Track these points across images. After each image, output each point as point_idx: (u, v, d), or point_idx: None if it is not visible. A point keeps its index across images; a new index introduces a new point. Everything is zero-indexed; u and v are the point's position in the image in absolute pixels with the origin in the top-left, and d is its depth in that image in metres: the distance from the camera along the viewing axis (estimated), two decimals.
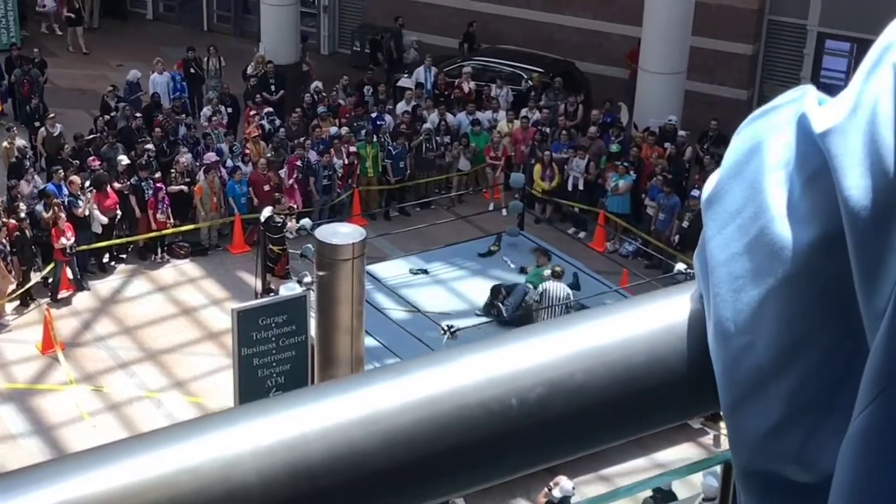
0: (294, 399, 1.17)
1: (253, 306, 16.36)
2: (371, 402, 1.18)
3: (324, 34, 34.41)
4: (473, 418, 1.20)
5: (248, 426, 1.12)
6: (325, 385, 1.19)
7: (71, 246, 21.68)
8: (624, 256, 23.86)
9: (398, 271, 20.91)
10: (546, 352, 1.26)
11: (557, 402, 1.24)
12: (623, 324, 1.29)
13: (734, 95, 28.99)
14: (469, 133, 26.17)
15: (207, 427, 1.10)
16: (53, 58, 31.20)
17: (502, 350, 1.26)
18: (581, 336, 1.28)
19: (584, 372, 1.25)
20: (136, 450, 1.07)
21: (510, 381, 1.23)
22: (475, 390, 1.21)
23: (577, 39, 30.18)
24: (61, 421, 18.85)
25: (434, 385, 1.21)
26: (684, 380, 1.30)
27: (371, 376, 1.22)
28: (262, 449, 1.10)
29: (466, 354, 1.25)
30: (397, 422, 1.17)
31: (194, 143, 25.14)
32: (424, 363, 1.24)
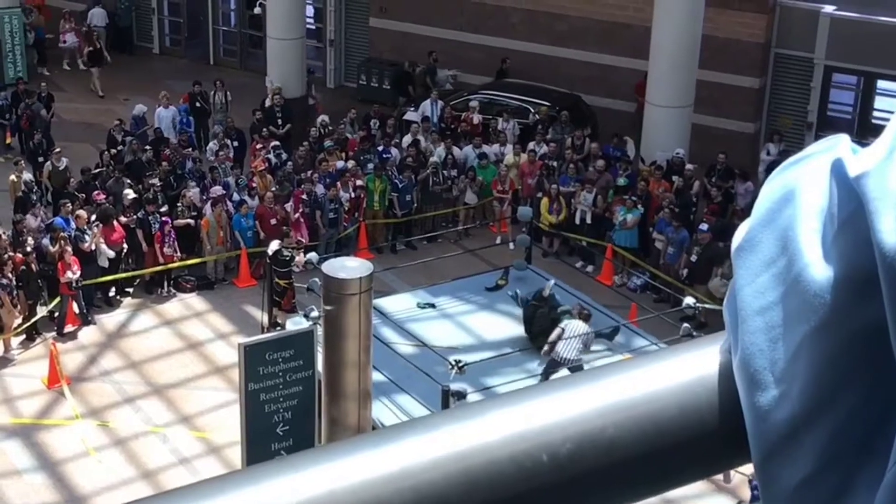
0: (321, 455, 1.15)
1: (260, 341, 16.32)
2: (400, 458, 1.16)
3: (330, 68, 34.52)
4: (504, 474, 1.18)
5: (272, 484, 1.10)
6: (354, 440, 1.18)
7: (77, 280, 21.68)
8: (632, 290, 23.82)
9: (405, 305, 20.87)
10: (576, 406, 1.25)
11: (588, 457, 1.22)
12: (653, 377, 1.28)
13: (741, 129, 29.02)
14: (476, 166, 26.19)
15: (234, 484, 1.08)
16: (60, 92, 31.30)
17: (532, 404, 1.24)
18: (610, 389, 1.26)
19: (615, 426, 1.24)
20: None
21: (540, 435, 1.21)
22: (505, 445, 1.20)
23: (584, 72, 30.24)
24: (67, 456, 18.79)
25: (463, 440, 1.19)
26: (715, 433, 1.28)
27: (399, 431, 1.20)
28: None
29: (496, 408, 1.23)
30: (427, 478, 1.15)
31: (200, 176, 25.18)
32: (453, 417, 1.22)
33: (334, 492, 1.11)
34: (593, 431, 1.23)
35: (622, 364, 1.31)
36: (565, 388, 1.26)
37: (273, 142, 26.89)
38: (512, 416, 1.22)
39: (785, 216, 1.10)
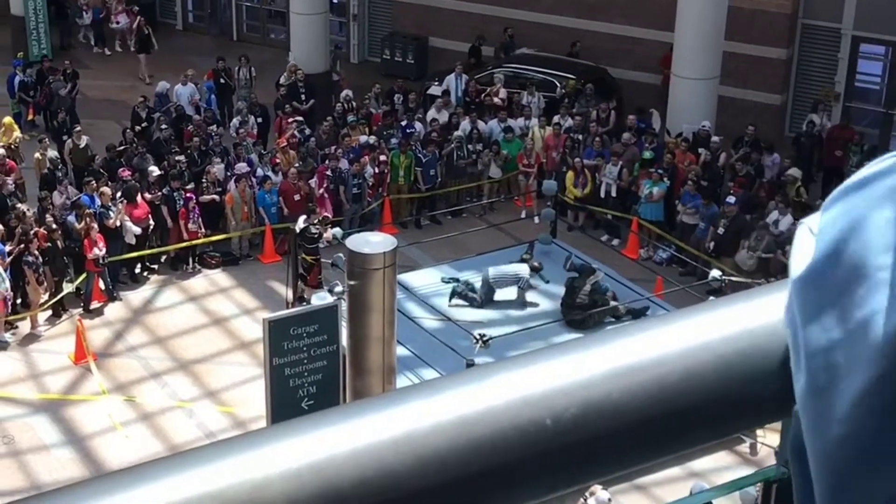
0: (324, 419, 1.14)
1: (284, 316, 16.35)
2: (403, 423, 1.15)
3: (353, 42, 34.46)
4: (507, 439, 1.17)
5: (276, 448, 1.09)
6: (356, 405, 1.17)
7: (103, 256, 21.76)
8: (658, 264, 23.74)
9: (430, 280, 20.87)
10: (580, 371, 1.24)
11: (593, 422, 1.21)
12: (657, 342, 1.26)
13: (768, 100, 28.85)
14: (500, 140, 26.12)
15: (233, 449, 1.07)
16: (85, 69, 31.36)
17: (536, 369, 1.23)
18: (616, 354, 1.25)
19: (621, 391, 1.22)
20: (158, 473, 1.04)
21: (544, 400, 1.20)
22: (508, 411, 1.18)
23: (609, 45, 30.10)
24: (94, 431, 18.90)
25: (467, 405, 1.18)
26: (720, 398, 1.27)
27: (402, 396, 1.19)
28: (291, 472, 1.07)
29: (499, 373, 1.22)
30: (430, 443, 1.14)
31: (225, 153, 25.20)
32: (456, 382, 1.21)
33: (335, 457, 1.10)
34: (598, 396, 1.22)
35: (628, 328, 1.29)
36: (570, 352, 1.25)
37: (297, 117, 26.87)
38: (516, 381, 1.21)
39: (851, 252, 1.06)
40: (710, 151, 24.92)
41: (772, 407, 1.50)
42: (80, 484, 1.06)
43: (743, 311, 1.35)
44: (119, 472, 1.05)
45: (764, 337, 1.42)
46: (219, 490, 1.05)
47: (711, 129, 25.62)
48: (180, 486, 1.05)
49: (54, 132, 27.23)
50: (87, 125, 27.17)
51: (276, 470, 1.07)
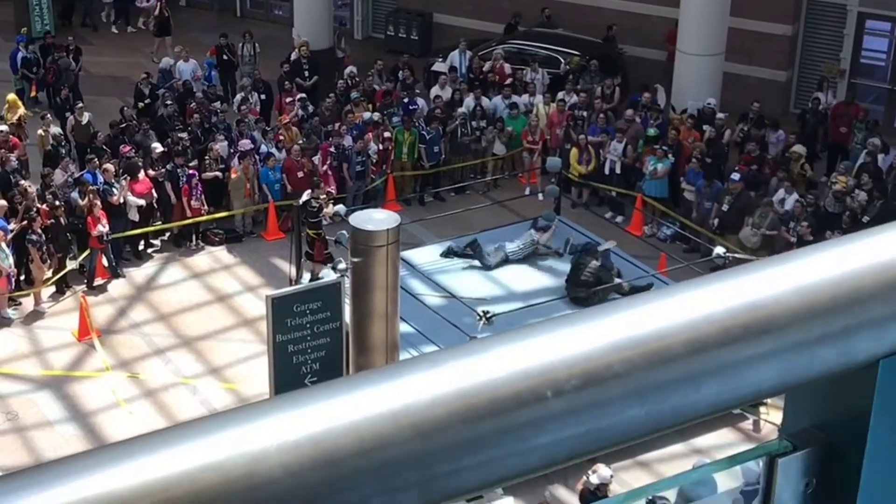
0: (322, 392, 1.14)
1: (287, 293, 16.36)
2: (402, 395, 1.14)
3: (357, 18, 34.37)
4: (507, 411, 1.17)
5: (274, 420, 1.09)
6: (354, 377, 1.16)
7: (106, 233, 21.76)
8: (662, 240, 23.70)
9: (433, 257, 20.87)
10: (582, 343, 1.23)
11: (594, 394, 1.21)
12: (660, 313, 1.26)
13: (773, 77, 28.76)
14: (505, 117, 26.07)
15: (232, 421, 1.07)
16: (88, 45, 31.30)
17: (537, 341, 1.22)
18: (617, 326, 1.24)
19: (622, 363, 1.22)
20: (159, 445, 1.04)
21: (545, 372, 1.19)
22: (509, 382, 1.18)
23: (615, 21, 29.99)
24: (97, 407, 18.93)
25: (467, 377, 1.17)
26: (724, 371, 1.26)
27: (402, 368, 1.18)
28: (289, 444, 1.07)
29: (500, 345, 1.21)
30: (429, 415, 1.14)
31: (227, 129, 25.16)
32: (457, 355, 1.20)
33: (333, 429, 1.10)
34: (599, 368, 1.21)
35: (630, 300, 1.28)
36: (571, 325, 1.24)
37: (300, 94, 26.81)
38: (516, 353, 1.21)
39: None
40: (714, 128, 24.87)
41: (773, 381, 1.50)
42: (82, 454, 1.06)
43: (747, 283, 1.34)
44: (120, 443, 1.05)
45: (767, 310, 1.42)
46: (218, 462, 1.05)
47: (717, 105, 25.55)
48: (180, 458, 1.04)
49: (57, 109, 27.18)
50: (89, 102, 27.12)
51: (274, 442, 1.06)
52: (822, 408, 1.81)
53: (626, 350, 1.22)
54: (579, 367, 1.19)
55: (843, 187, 22.15)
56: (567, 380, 1.18)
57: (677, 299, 1.28)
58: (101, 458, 1.04)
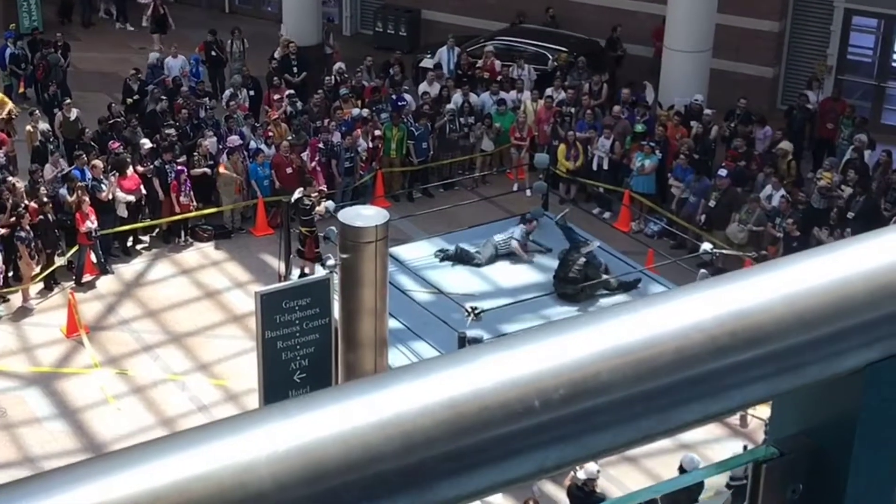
0: (311, 402, 1.14)
1: (276, 289, 16.35)
2: (390, 405, 1.15)
3: (346, 15, 34.34)
4: (494, 420, 1.17)
5: (264, 430, 1.09)
6: (344, 387, 1.16)
7: (95, 230, 21.73)
8: (649, 236, 23.75)
9: (421, 253, 20.86)
10: (570, 351, 1.23)
11: (581, 403, 1.21)
12: (647, 322, 1.26)
13: (760, 73, 28.81)
14: (493, 113, 26.08)
15: (222, 432, 1.07)
16: (76, 41, 31.24)
17: (524, 350, 1.22)
18: (604, 335, 1.25)
19: (610, 371, 1.22)
20: (148, 456, 1.04)
21: (533, 381, 1.20)
22: (496, 391, 1.18)
23: (602, 18, 30.01)
24: (86, 404, 18.91)
25: (455, 387, 1.18)
26: (713, 378, 1.26)
27: (391, 377, 1.19)
28: (279, 454, 1.07)
29: (487, 354, 1.22)
30: (417, 424, 1.14)
31: (216, 125, 25.13)
32: (445, 364, 1.21)
33: (322, 439, 1.10)
34: (587, 377, 1.21)
35: (618, 308, 1.29)
36: (559, 333, 1.25)
37: (288, 90, 26.78)
38: (504, 362, 1.21)
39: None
40: (701, 125, 24.90)
41: (761, 389, 1.51)
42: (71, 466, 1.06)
43: (735, 291, 1.34)
44: (109, 454, 1.05)
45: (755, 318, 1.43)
46: (208, 473, 1.05)
47: (704, 102, 25.59)
48: (170, 469, 1.04)
49: (45, 105, 27.13)
50: (77, 98, 27.08)
51: (264, 453, 1.07)
52: (809, 414, 1.82)
53: (614, 359, 1.22)
54: (567, 377, 1.19)
55: (829, 183, 22.23)
56: (555, 389, 1.18)
57: (665, 308, 1.29)
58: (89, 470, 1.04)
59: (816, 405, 1.80)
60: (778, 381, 1.51)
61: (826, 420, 1.81)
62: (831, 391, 1.77)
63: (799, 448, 1.80)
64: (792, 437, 1.81)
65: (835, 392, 1.77)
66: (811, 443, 1.80)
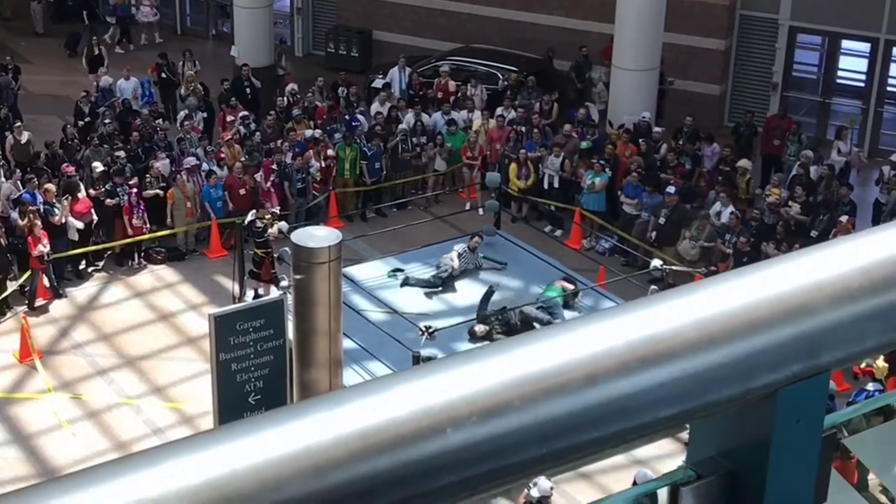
0: (224, 434, 1.16)
1: (230, 311, 16.28)
2: (303, 436, 1.17)
3: (298, 36, 34.31)
4: (408, 449, 1.19)
5: (173, 464, 1.11)
6: (256, 419, 1.18)
7: (48, 253, 21.57)
8: (601, 254, 23.85)
9: (376, 273, 20.84)
10: (482, 379, 1.26)
11: (494, 430, 1.23)
12: (560, 348, 1.29)
13: (708, 91, 29.04)
14: (444, 133, 26.12)
15: (130, 467, 1.09)
16: (26, 64, 31.03)
17: (436, 378, 1.25)
18: (517, 362, 1.27)
19: (522, 398, 1.25)
20: (52, 493, 1.05)
21: (445, 409, 1.22)
22: (409, 420, 1.21)
23: (553, 38, 30.15)
24: (40, 429, 18.75)
25: (368, 416, 1.20)
26: (625, 404, 1.29)
27: (303, 408, 1.21)
28: (189, 489, 1.08)
29: (401, 384, 1.24)
30: (330, 455, 1.16)
31: (168, 147, 25.02)
32: (358, 393, 1.23)
33: (236, 472, 1.12)
34: (499, 404, 1.24)
35: (530, 335, 1.32)
36: (472, 361, 1.28)
37: (241, 112, 26.71)
38: (417, 391, 1.23)
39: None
40: (648, 142, 25.01)
41: (673, 411, 1.54)
42: None
43: (648, 316, 1.37)
44: (6, 494, 1.06)
45: (666, 342, 1.46)
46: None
47: (652, 119, 25.76)
48: None
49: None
50: (29, 121, 26.89)
51: (173, 487, 1.08)
52: (724, 437, 1.84)
53: (526, 385, 1.25)
54: (479, 404, 1.22)
55: (777, 199, 22.45)
56: (468, 416, 1.21)
57: (578, 333, 1.32)
58: None
59: (732, 428, 1.83)
60: (689, 404, 1.54)
61: (741, 443, 1.83)
62: (745, 414, 1.80)
63: (715, 471, 1.82)
64: (709, 460, 1.84)
65: (748, 415, 1.80)
66: (728, 465, 1.83)
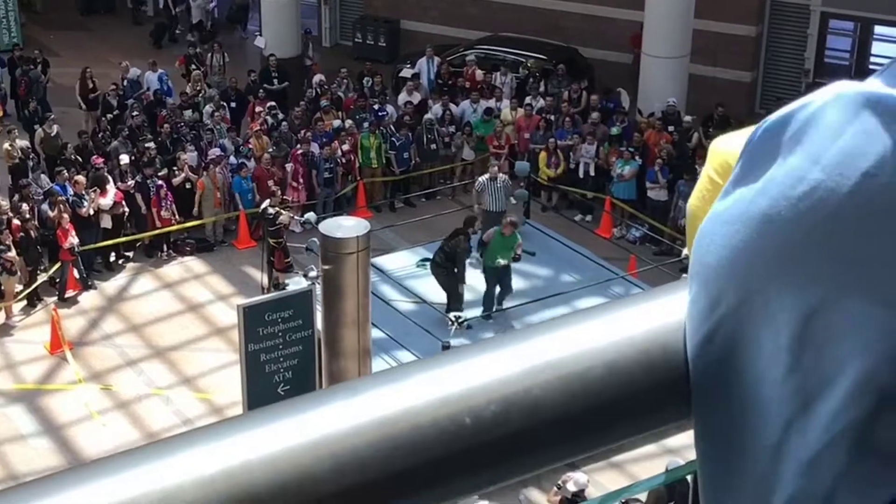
0: (238, 424, 1.14)
1: (259, 302, 16.34)
2: (319, 425, 1.14)
3: (325, 26, 34.33)
4: (426, 438, 1.17)
5: (188, 454, 1.08)
6: (272, 408, 1.16)
7: (76, 245, 21.67)
8: (631, 242, 23.78)
9: (404, 263, 20.87)
10: (500, 368, 1.23)
11: (513, 419, 1.21)
12: (580, 337, 1.26)
13: (738, 78, 28.88)
14: (477, 122, 26.06)
15: (144, 457, 1.07)
16: (55, 57, 31.15)
17: (455, 367, 1.22)
18: (536, 350, 1.25)
19: (540, 387, 1.22)
20: (67, 483, 1.03)
21: (463, 399, 1.19)
22: (427, 409, 1.18)
23: (581, 25, 30.07)
24: (71, 420, 18.86)
25: (385, 405, 1.18)
26: (645, 391, 1.27)
27: (320, 397, 1.19)
28: (204, 479, 1.06)
29: (418, 373, 1.22)
30: (347, 445, 1.14)
31: (197, 139, 25.09)
32: (375, 382, 1.21)
33: (249, 462, 1.10)
34: (518, 393, 1.21)
35: (548, 323, 1.29)
36: (489, 349, 1.25)
37: (270, 102, 26.73)
38: (435, 379, 1.21)
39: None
40: (679, 131, 24.91)
41: None
42: None
43: (667, 304, 1.35)
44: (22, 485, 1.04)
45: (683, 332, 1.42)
46: (129, 499, 1.04)
47: (680, 105, 25.64)
48: (89, 498, 1.04)
49: (25, 121, 27.03)
50: (58, 113, 27.01)
51: (189, 478, 1.06)
52: None
53: (546, 373, 1.22)
54: (498, 393, 1.19)
55: None
56: (486, 405, 1.18)
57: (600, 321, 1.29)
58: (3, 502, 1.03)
59: None
60: None
61: None
62: None
63: None
64: None
65: None
66: None
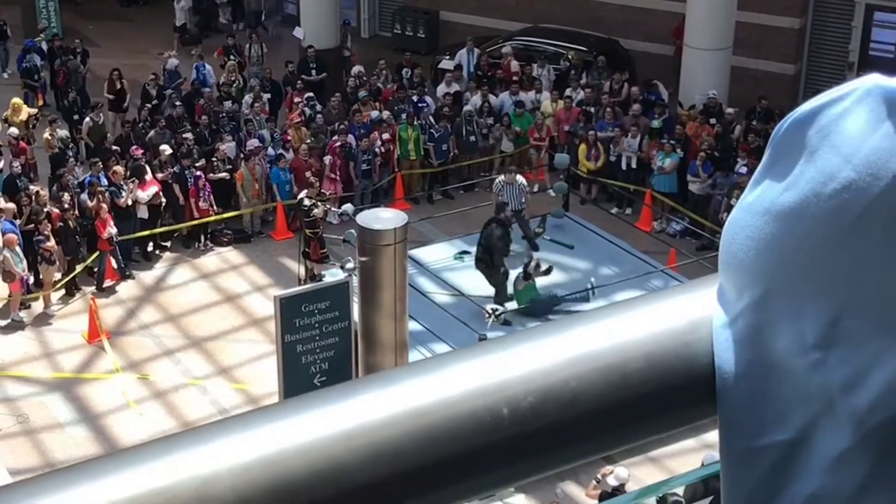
0: (274, 412, 1.13)
1: (296, 293, 16.38)
2: (355, 415, 1.13)
3: (364, 17, 34.35)
4: (463, 429, 1.16)
5: (224, 442, 1.08)
6: (307, 397, 1.15)
7: (115, 235, 21.79)
8: (671, 236, 23.67)
9: (442, 255, 20.87)
10: (538, 359, 1.22)
11: (551, 411, 1.20)
12: (619, 328, 1.25)
13: (781, 70, 28.69)
14: (511, 114, 26.02)
15: (181, 444, 1.06)
16: (94, 47, 31.32)
17: (492, 357, 1.21)
18: (574, 342, 1.23)
19: (578, 379, 1.21)
20: (104, 470, 1.03)
21: (501, 389, 1.18)
22: (464, 400, 1.17)
23: (622, 17, 29.95)
24: (108, 409, 18.98)
25: (421, 395, 1.16)
26: (684, 386, 1.25)
27: (355, 387, 1.17)
28: (239, 466, 1.06)
29: (455, 363, 1.20)
30: (383, 435, 1.13)
31: (236, 129, 25.16)
32: (411, 372, 1.19)
33: (285, 451, 1.09)
34: (556, 384, 1.20)
35: (587, 314, 1.28)
36: (527, 340, 1.23)
37: (307, 93, 26.78)
38: (472, 370, 1.20)
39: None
40: (722, 123, 24.77)
41: None
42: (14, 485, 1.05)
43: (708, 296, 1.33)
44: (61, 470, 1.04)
45: None
46: (166, 486, 1.04)
47: (722, 98, 25.48)
48: (126, 484, 1.03)
49: (65, 112, 27.20)
50: (97, 104, 27.13)
51: (224, 465, 1.06)
52: None
53: (584, 365, 1.21)
54: (536, 384, 1.18)
55: None
56: (524, 396, 1.17)
57: (638, 312, 1.27)
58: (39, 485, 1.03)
59: None
60: None
61: None
62: None
63: None
64: None
65: None
66: None
